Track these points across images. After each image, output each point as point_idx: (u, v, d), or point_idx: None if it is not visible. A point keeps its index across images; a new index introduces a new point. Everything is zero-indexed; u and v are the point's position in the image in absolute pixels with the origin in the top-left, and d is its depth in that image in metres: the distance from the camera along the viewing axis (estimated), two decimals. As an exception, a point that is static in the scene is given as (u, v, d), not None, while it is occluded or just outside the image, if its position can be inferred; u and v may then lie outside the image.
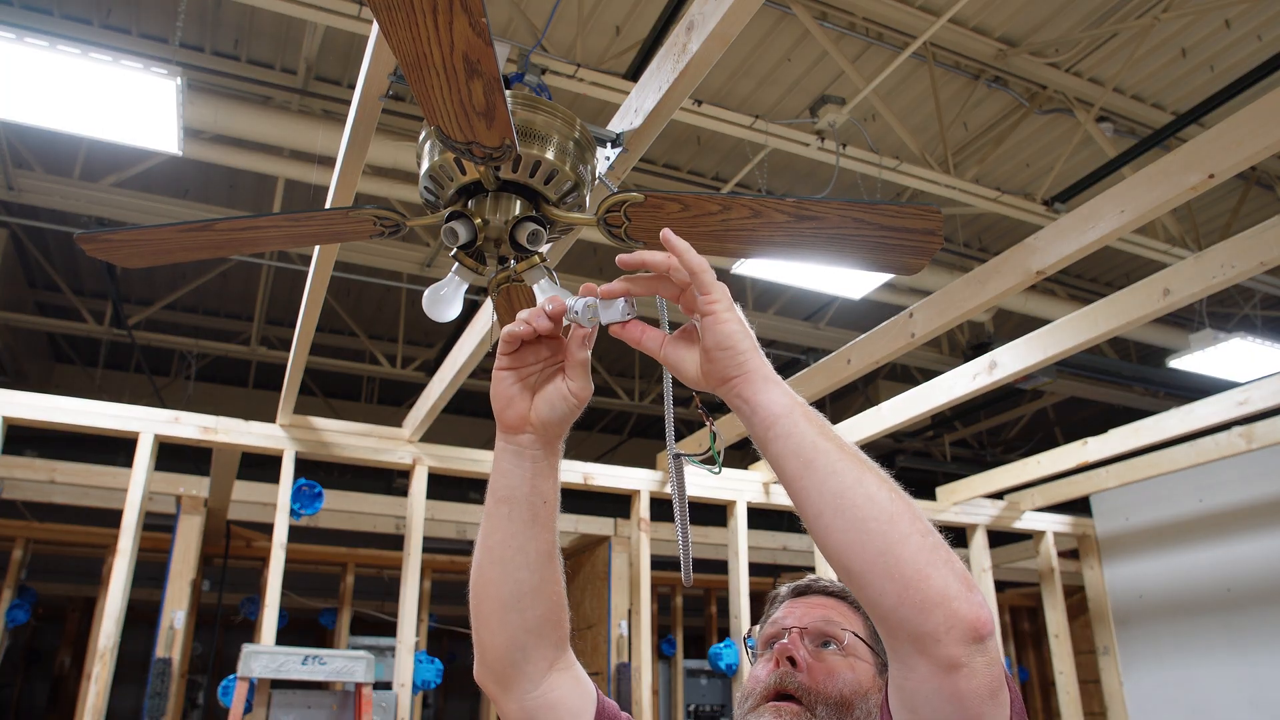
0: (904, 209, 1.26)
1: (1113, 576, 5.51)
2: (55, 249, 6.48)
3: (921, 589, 0.68)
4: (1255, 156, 2.22)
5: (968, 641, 0.67)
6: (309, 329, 3.14)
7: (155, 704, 4.21)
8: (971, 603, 0.68)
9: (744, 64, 4.73)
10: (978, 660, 0.68)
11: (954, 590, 0.68)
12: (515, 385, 0.91)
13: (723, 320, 0.82)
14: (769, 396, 0.80)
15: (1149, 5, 4.32)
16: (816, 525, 0.75)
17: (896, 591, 0.69)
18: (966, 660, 0.67)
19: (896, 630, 0.70)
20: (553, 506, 0.93)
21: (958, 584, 0.69)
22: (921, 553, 0.70)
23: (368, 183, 4.82)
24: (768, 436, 0.80)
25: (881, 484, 0.75)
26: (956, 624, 0.67)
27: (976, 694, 0.68)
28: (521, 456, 0.91)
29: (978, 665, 0.68)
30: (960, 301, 3.05)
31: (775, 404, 0.80)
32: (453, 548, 6.46)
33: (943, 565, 0.69)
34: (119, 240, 1.48)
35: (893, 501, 0.73)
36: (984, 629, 0.68)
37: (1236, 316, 6.78)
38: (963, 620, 0.67)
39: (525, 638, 0.91)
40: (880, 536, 0.71)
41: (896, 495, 0.74)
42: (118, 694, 3.66)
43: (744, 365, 0.82)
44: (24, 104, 3.31)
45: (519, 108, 1.31)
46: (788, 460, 0.78)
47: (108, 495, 4.83)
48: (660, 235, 0.86)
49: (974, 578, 0.71)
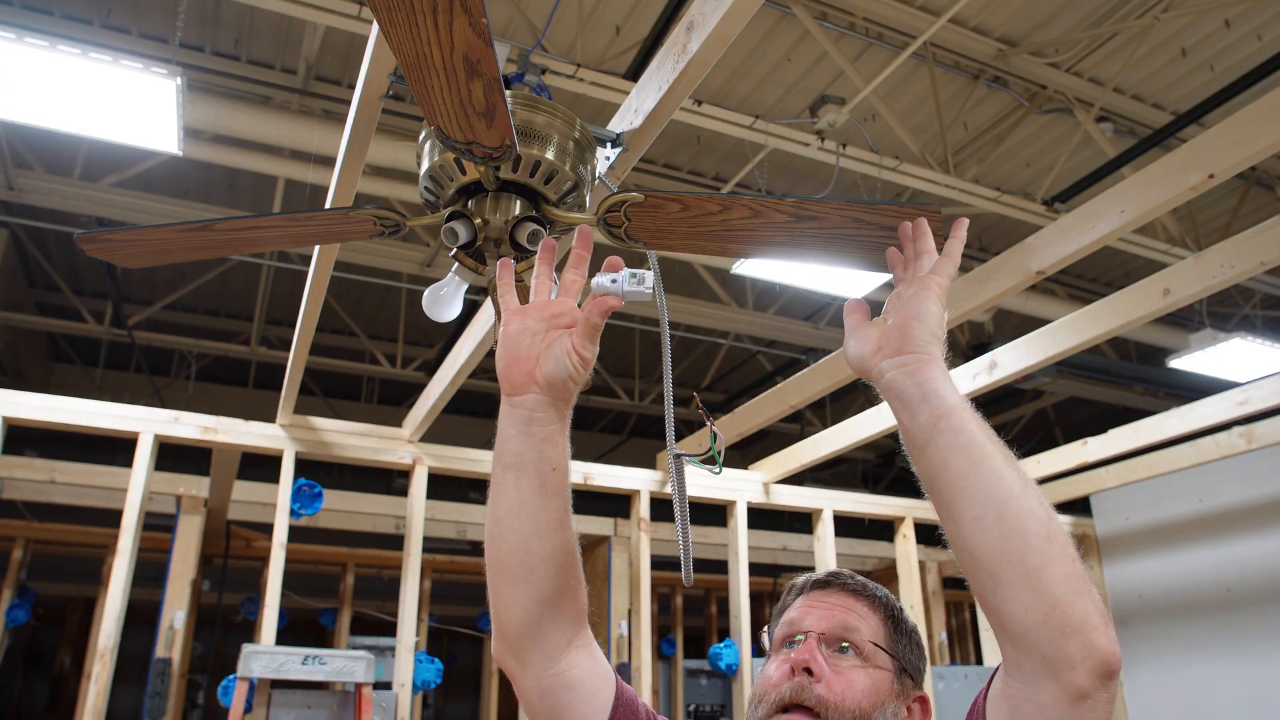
0: (904, 209, 1.26)
1: (1113, 577, 5.51)
2: (55, 249, 6.48)
3: (1067, 612, 0.69)
4: (1255, 156, 2.22)
5: (1099, 674, 0.68)
6: (309, 329, 3.14)
7: (155, 704, 4.21)
8: (1109, 637, 0.69)
9: (744, 64, 4.73)
10: (1102, 695, 0.68)
11: (1095, 621, 0.69)
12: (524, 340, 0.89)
13: (936, 296, 0.84)
14: (947, 386, 0.80)
15: (1149, 5, 4.31)
16: (974, 528, 0.74)
17: (1043, 610, 0.69)
18: (1094, 693, 0.68)
19: (1032, 649, 0.70)
20: (563, 474, 0.91)
21: (1098, 616, 0.70)
22: (1071, 577, 0.70)
23: (368, 183, 4.82)
24: (937, 427, 0.78)
25: (1042, 501, 0.74)
26: (1093, 654, 0.68)
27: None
28: (529, 422, 0.89)
29: (1101, 700, 0.68)
30: (960, 301, 3.05)
31: (952, 395, 0.79)
32: (453, 548, 6.45)
33: (1087, 594, 0.70)
34: (119, 240, 1.48)
35: (1051, 520, 0.73)
36: (1116, 664, 0.68)
37: (1236, 316, 6.78)
38: (1100, 652, 0.68)
39: (540, 609, 0.89)
40: (1038, 552, 0.71)
41: (1053, 515, 0.74)
42: (118, 694, 3.65)
43: (931, 346, 0.82)
44: (24, 104, 3.30)
45: (519, 108, 1.31)
46: (954, 455, 0.76)
47: (108, 495, 4.83)
48: (954, 225, 0.92)
49: None
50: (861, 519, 5.17)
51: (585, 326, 0.87)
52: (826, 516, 4.80)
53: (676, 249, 1.40)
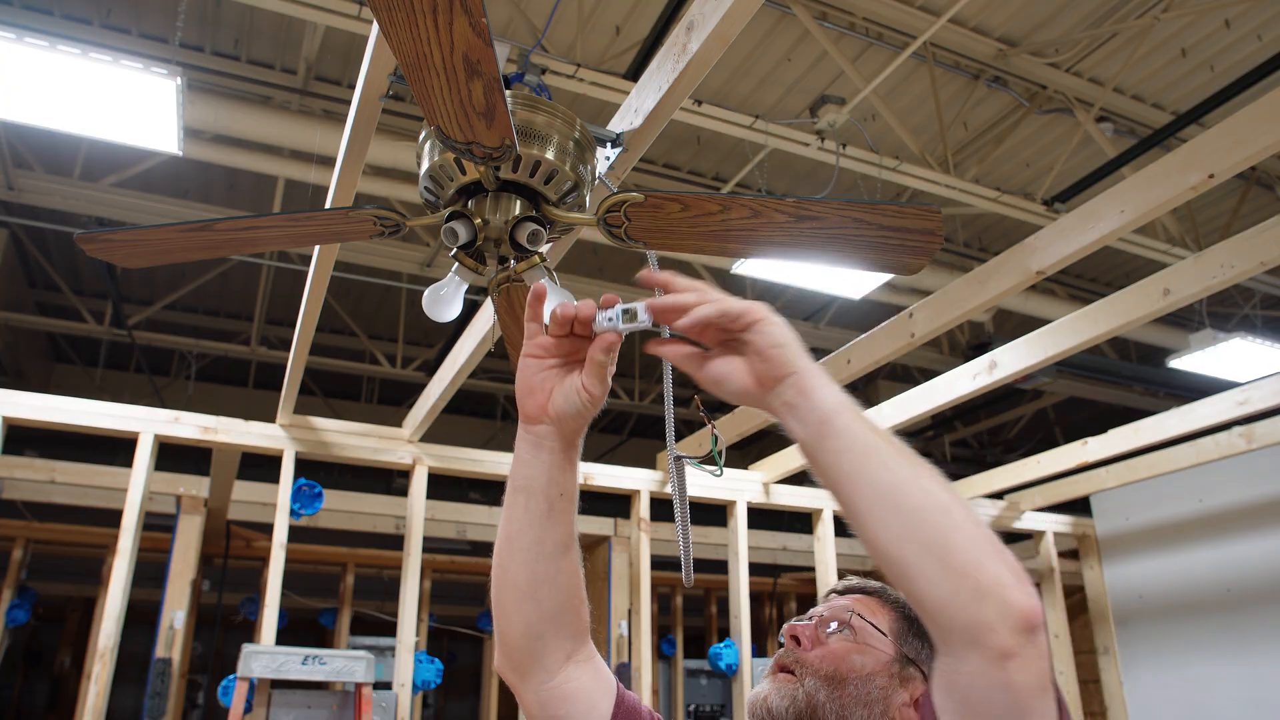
0: (904, 209, 1.26)
1: (1113, 576, 5.51)
2: (55, 249, 6.48)
3: (976, 578, 0.69)
4: (1255, 156, 2.22)
5: (1020, 631, 0.68)
6: (309, 329, 3.14)
7: (155, 704, 4.21)
8: (1025, 592, 0.69)
9: (744, 64, 4.73)
10: (1029, 651, 0.68)
11: (1007, 579, 0.69)
12: (539, 374, 0.93)
13: (771, 322, 0.83)
14: (825, 392, 0.81)
15: (1149, 5, 4.32)
16: (869, 521, 0.75)
17: (951, 582, 0.70)
18: (1019, 650, 0.68)
19: (950, 622, 0.70)
20: (570, 499, 0.96)
21: (1010, 574, 0.69)
22: (976, 544, 0.71)
23: (368, 183, 4.82)
24: (822, 433, 0.79)
25: (935, 477, 0.75)
26: (1010, 613, 0.68)
27: (1028, 685, 0.68)
28: (540, 448, 0.93)
29: (1029, 655, 0.68)
30: (960, 301, 3.05)
31: (832, 399, 0.80)
32: (453, 548, 6.45)
33: (995, 555, 0.70)
34: (119, 240, 1.48)
35: (947, 493, 0.74)
36: (1036, 619, 0.68)
37: (1236, 316, 6.78)
38: (1016, 609, 0.68)
39: (542, 627, 0.93)
40: (937, 527, 0.72)
41: (949, 488, 0.75)
42: (118, 694, 3.65)
43: (797, 363, 0.82)
44: (24, 104, 3.30)
45: (519, 108, 1.31)
46: (842, 457, 0.78)
47: (108, 495, 4.83)
48: (664, 284, 0.87)
49: None
50: (861, 519, 5.17)
51: (591, 365, 0.90)
52: (826, 516, 4.80)
53: (676, 249, 1.40)
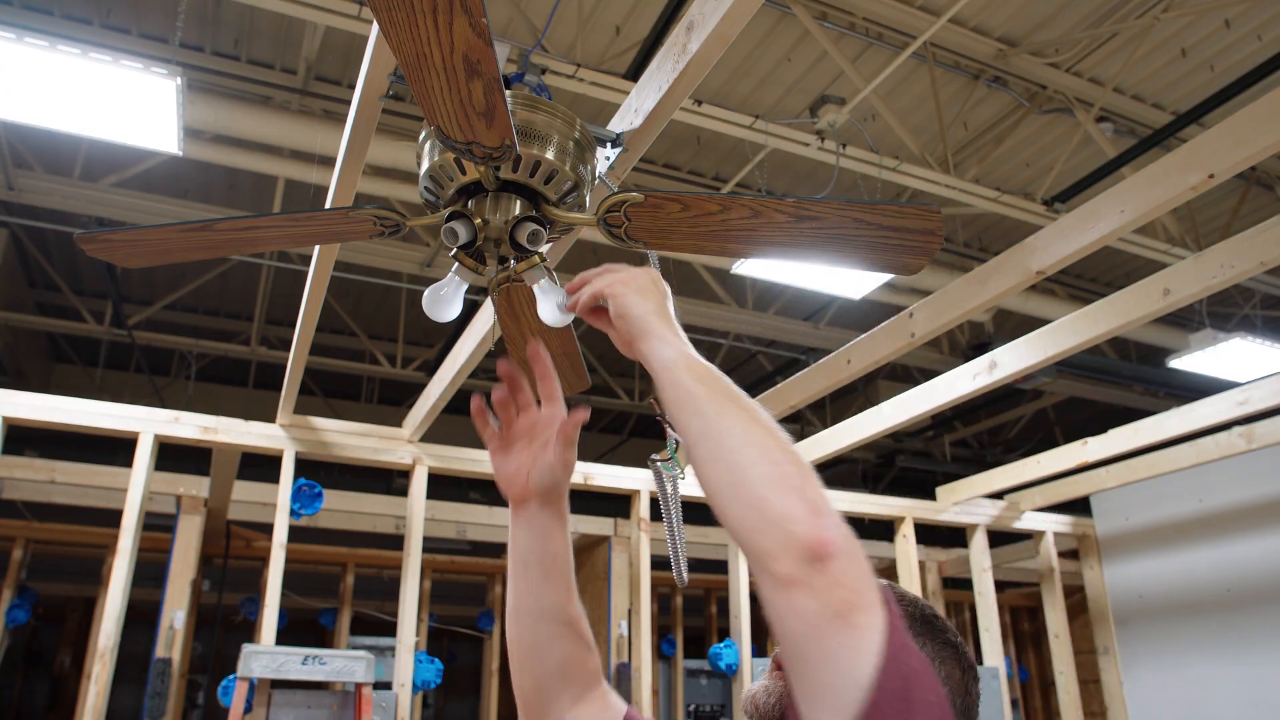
0: (904, 209, 1.26)
1: (1113, 576, 5.51)
2: (55, 249, 6.48)
3: (762, 510, 0.73)
4: (1255, 156, 2.22)
5: (803, 561, 0.69)
6: (309, 329, 3.14)
7: (155, 704, 4.21)
8: (813, 525, 0.71)
9: (744, 64, 4.73)
10: (817, 580, 0.69)
11: (796, 513, 0.71)
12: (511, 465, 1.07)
13: (616, 296, 0.97)
14: (660, 352, 0.90)
15: (1149, 5, 4.32)
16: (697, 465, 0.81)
17: (742, 514, 0.75)
18: (804, 579, 0.69)
19: (750, 552, 0.74)
20: (563, 561, 1.07)
21: (801, 508, 0.72)
22: (766, 478, 0.75)
23: (368, 183, 4.82)
24: (660, 388, 0.89)
25: (743, 418, 0.80)
26: (793, 542, 0.70)
27: (817, 612, 0.68)
28: (531, 524, 1.06)
29: (818, 584, 0.69)
30: (960, 301, 3.05)
31: (662, 357, 0.90)
32: (453, 548, 6.45)
33: (788, 491, 0.73)
34: (119, 240, 1.48)
35: (749, 434, 0.79)
36: (821, 549, 0.69)
37: (1236, 316, 6.79)
38: (799, 539, 0.70)
39: (547, 680, 1.03)
40: (733, 465, 0.77)
41: (757, 429, 0.79)
42: (118, 694, 3.65)
43: (640, 328, 0.94)
44: (24, 104, 3.31)
45: (519, 108, 1.31)
46: (673, 408, 0.86)
47: (108, 495, 4.83)
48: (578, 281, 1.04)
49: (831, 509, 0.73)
50: (861, 519, 5.17)
51: (562, 439, 1.05)
52: (826, 516, 4.79)
53: (676, 249, 1.40)
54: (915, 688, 0.67)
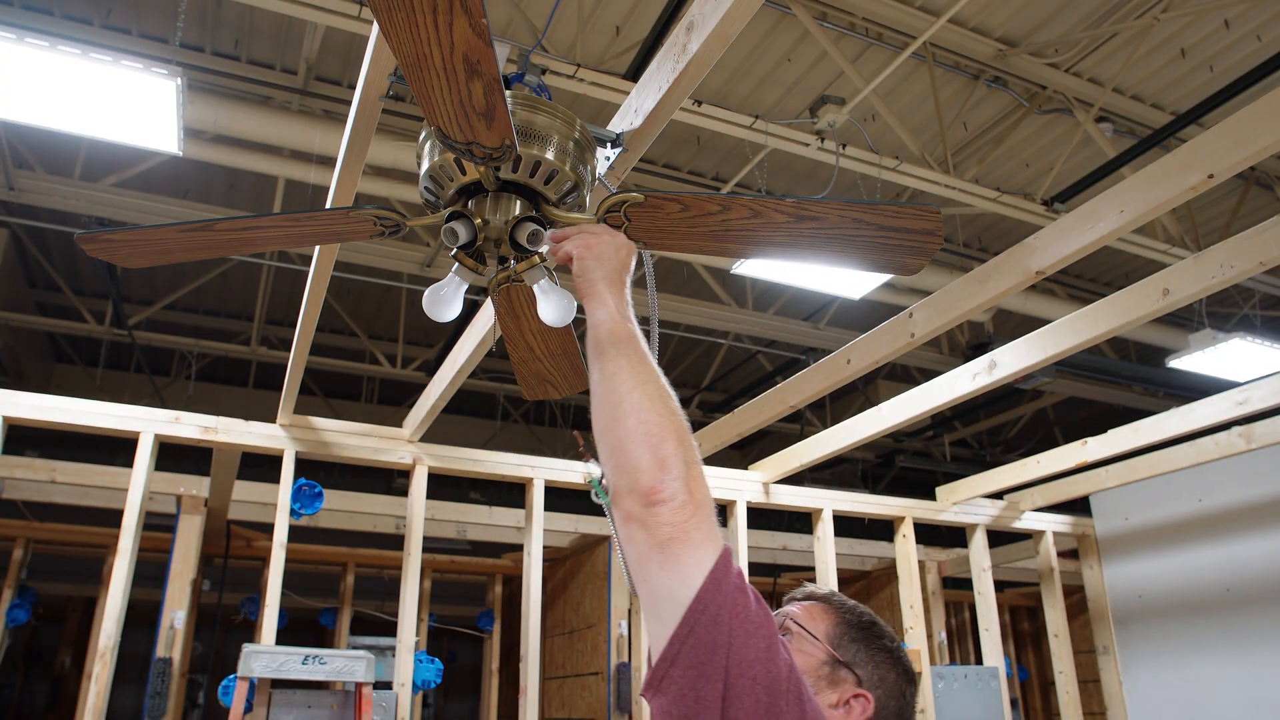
0: (903, 209, 1.26)
1: (1112, 576, 5.51)
2: (55, 249, 6.48)
3: (619, 457, 0.91)
4: (1255, 156, 2.22)
5: (641, 503, 0.87)
6: (309, 329, 3.14)
7: (155, 704, 4.21)
8: (652, 476, 0.88)
9: (744, 64, 4.73)
10: (649, 520, 0.87)
11: (644, 465, 0.89)
12: None
13: (579, 258, 1.13)
14: (594, 312, 1.06)
15: (1149, 5, 4.32)
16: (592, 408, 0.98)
17: (607, 457, 0.93)
18: (639, 516, 0.87)
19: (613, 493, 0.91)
20: None
21: (649, 460, 0.89)
22: (631, 432, 0.92)
23: (368, 183, 4.83)
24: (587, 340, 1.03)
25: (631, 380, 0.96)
26: (636, 488, 0.88)
27: (645, 542, 0.87)
28: None
29: (649, 522, 0.87)
30: (960, 301, 3.05)
31: (595, 316, 1.05)
32: (453, 548, 6.45)
33: (644, 445, 0.90)
34: (119, 240, 1.48)
35: (632, 394, 0.95)
36: (654, 495, 0.87)
37: (1236, 316, 6.79)
38: (640, 484, 0.88)
39: None
40: (612, 416, 0.94)
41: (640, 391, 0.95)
42: (118, 694, 3.65)
43: (587, 289, 1.09)
44: (24, 104, 3.31)
45: (519, 108, 1.31)
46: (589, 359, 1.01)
47: (108, 495, 4.83)
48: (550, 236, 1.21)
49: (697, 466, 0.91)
50: (861, 519, 5.17)
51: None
52: (826, 516, 4.80)
53: (676, 249, 1.40)
54: (732, 617, 0.82)
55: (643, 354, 1.00)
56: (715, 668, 0.81)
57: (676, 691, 0.82)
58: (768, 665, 0.82)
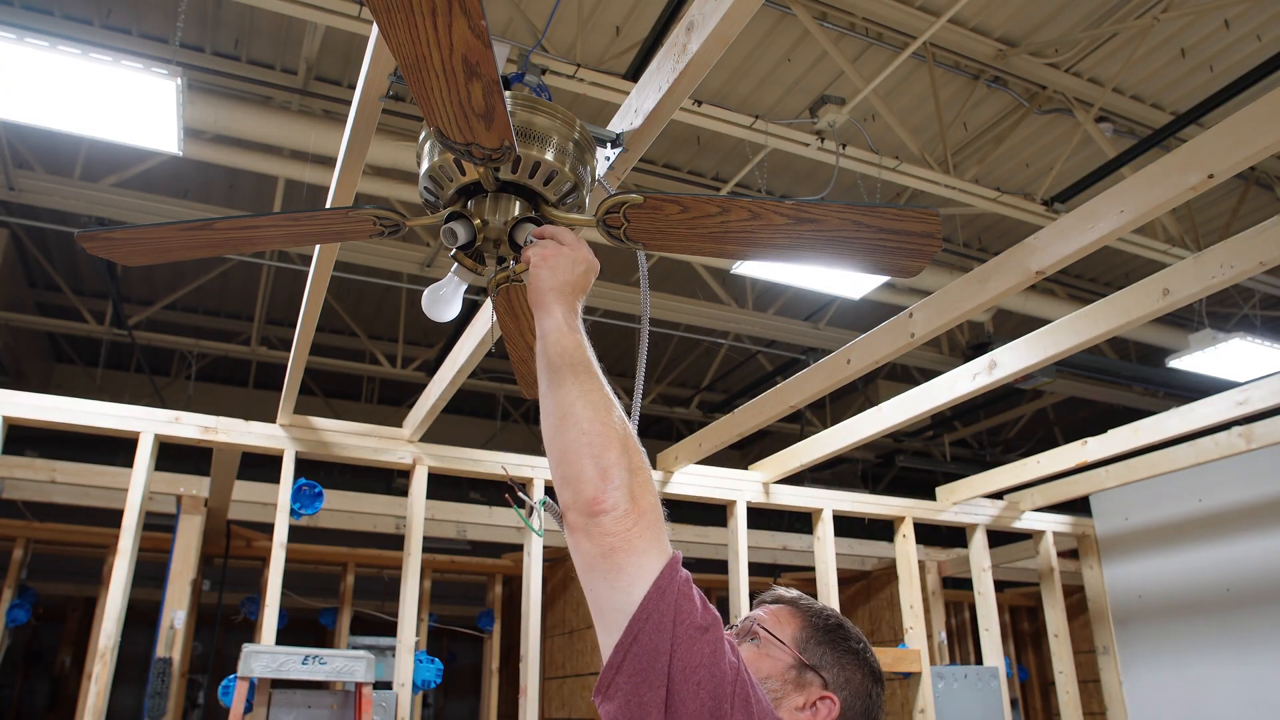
0: (902, 212, 1.26)
1: (1112, 576, 5.51)
2: (55, 249, 6.48)
3: (564, 470, 0.93)
4: (1255, 156, 2.22)
5: (584, 513, 0.90)
6: (309, 329, 3.14)
7: (155, 704, 4.21)
8: (595, 487, 0.90)
9: (744, 64, 4.73)
10: (593, 529, 0.89)
11: (587, 476, 0.91)
12: None
13: (535, 267, 1.13)
14: (542, 322, 1.07)
15: (1149, 5, 4.32)
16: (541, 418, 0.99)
17: (553, 467, 0.95)
18: (583, 527, 0.90)
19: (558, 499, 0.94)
20: None
21: (593, 472, 0.91)
22: (575, 443, 0.93)
23: (368, 183, 4.83)
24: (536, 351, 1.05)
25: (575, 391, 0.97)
26: (579, 499, 0.90)
27: (590, 552, 0.89)
28: None
29: (593, 533, 0.89)
30: (960, 301, 3.05)
31: (542, 326, 1.07)
32: (453, 548, 6.46)
33: (587, 457, 0.92)
34: (119, 238, 1.48)
35: (574, 405, 0.96)
36: (596, 505, 0.89)
37: (1236, 316, 6.79)
38: (582, 497, 0.90)
39: None
40: (558, 426, 0.96)
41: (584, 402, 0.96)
42: (118, 694, 3.66)
43: (536, 299, 1.10)
44: (24, 104, 3.31)
45: (519, 108, 1.31)
46: (538, 369, 1.03)
47: (108, 495, 4.83)
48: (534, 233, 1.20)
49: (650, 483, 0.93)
50: (861, 519, 5.17)
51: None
52: (826, 516, 4.80)
53: (675, 250, 1.40)
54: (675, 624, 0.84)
55: (588, 365, 1.01)
56: (658, 673, 0.83)
57: (623, 698, 0.84)
58: (712, 670, 0.84)
